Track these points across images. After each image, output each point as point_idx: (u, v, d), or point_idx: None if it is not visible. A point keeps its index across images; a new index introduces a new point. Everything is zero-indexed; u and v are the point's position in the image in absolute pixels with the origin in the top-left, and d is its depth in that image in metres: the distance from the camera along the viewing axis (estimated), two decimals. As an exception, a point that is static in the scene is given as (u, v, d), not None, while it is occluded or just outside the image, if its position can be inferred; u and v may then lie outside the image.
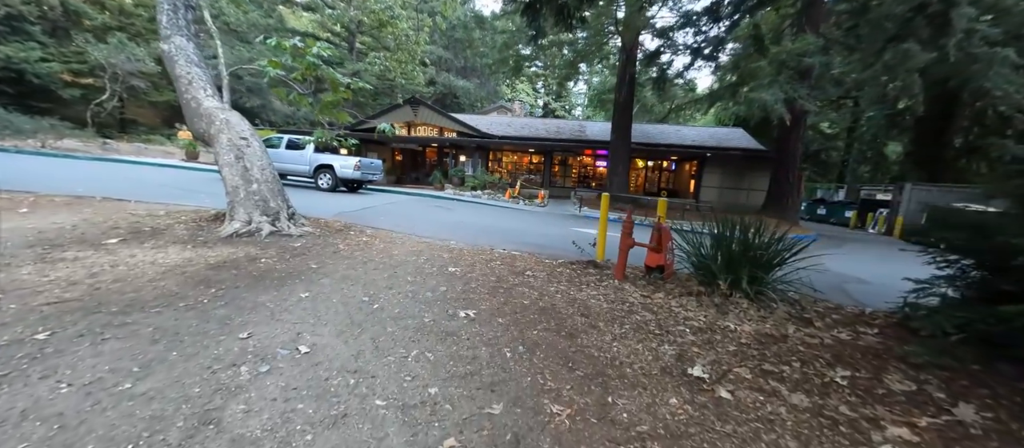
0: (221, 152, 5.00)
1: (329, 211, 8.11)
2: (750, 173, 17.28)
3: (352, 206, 9.37)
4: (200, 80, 5.65)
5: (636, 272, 4.90)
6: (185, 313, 2.64)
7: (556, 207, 15.15)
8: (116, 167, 12.80)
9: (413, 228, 7.29)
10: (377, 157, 20.80)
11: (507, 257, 5.36)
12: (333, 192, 11.57)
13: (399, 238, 6.04)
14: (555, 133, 20.91)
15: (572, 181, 21.11)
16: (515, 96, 50.18)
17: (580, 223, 11.13)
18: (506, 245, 6.58)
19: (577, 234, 8.69)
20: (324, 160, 11.41)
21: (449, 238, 6.68)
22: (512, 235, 7.74)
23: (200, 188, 9.45)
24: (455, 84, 32.82)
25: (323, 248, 4.71)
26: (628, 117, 15.38)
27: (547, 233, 8.48)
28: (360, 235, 5.82)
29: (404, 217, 8.63)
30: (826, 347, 2.92)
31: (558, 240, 7.67)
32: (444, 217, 9.38)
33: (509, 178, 19.94)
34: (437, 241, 6.20)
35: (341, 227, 6.16)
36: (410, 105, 19.11)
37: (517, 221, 10.08)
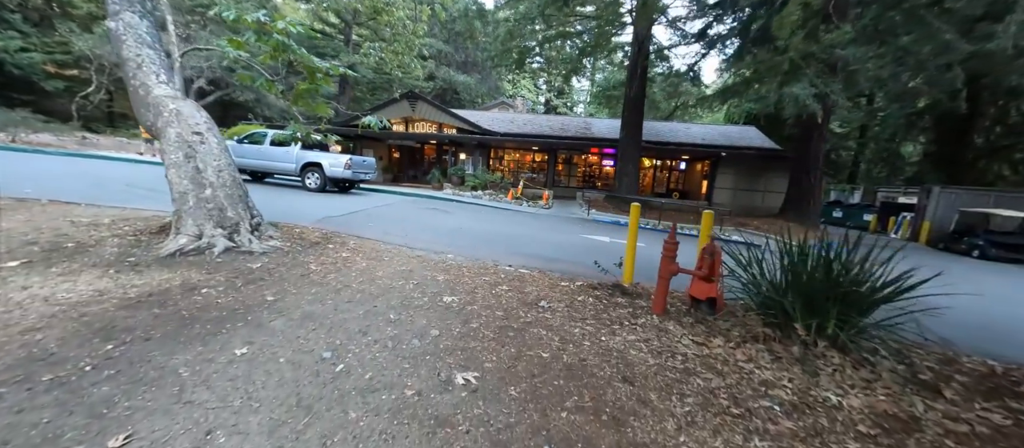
0: (167, 149, 4.10)
1: (312, 216, 7.22)
2: (766, 174, 16.39)
3: (340, 209, 8.48)
4: (152, 63, 4.73)
5: (675, 301, 4.01)
6: (39, 396, 1.75)
7: (561, 209, 14.27)
8: (87, 164, 11.88)
9: (406, 237, 6.41)
10: (372, 155, 19.91)
11: (514, 278, 4.47)
12: (322, 193, 10.68)
13: (387, 252, 5.15)
14: (560, 130, 19.98)
15: (577, 181, 20.22)
16: (517, 93, 49.16)
17: (590, 228, 10.24)
18: (511, 258, 5.69)
19: (589, 242, 7.80)
20: (312, 158, 10.50)
21: (446, 250, 5.79)
22: (517, 244, 6.85)
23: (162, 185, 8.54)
24: (455, 79, 31.83)
25: (289, 270, 3.82)
26: (639, 113, 14.47)
27: (556, 242, 7.59)
28: (341, 248, 4.93)
29: (396, 223, 7.74)
30: (985, 441, 2.04)
31: (570, 250, 6.78)
32: (441, 222, 8.49)
33: (511, 177, 19.03)
34: (432, 255, 5.32)
35: (319, 238, 5.26)
36: (407, 100, 18.17)
37: (521, 226, 9.20)
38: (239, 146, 10.74)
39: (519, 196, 14.87)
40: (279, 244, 4.45)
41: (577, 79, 62.15)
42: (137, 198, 6.85)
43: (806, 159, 13.79)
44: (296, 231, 5.33)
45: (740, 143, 17.99)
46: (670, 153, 18.57)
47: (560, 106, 55.16)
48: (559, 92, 58.81)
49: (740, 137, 19.14)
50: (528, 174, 20.43)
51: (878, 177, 22.42)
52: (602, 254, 6.74)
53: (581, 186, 19.97)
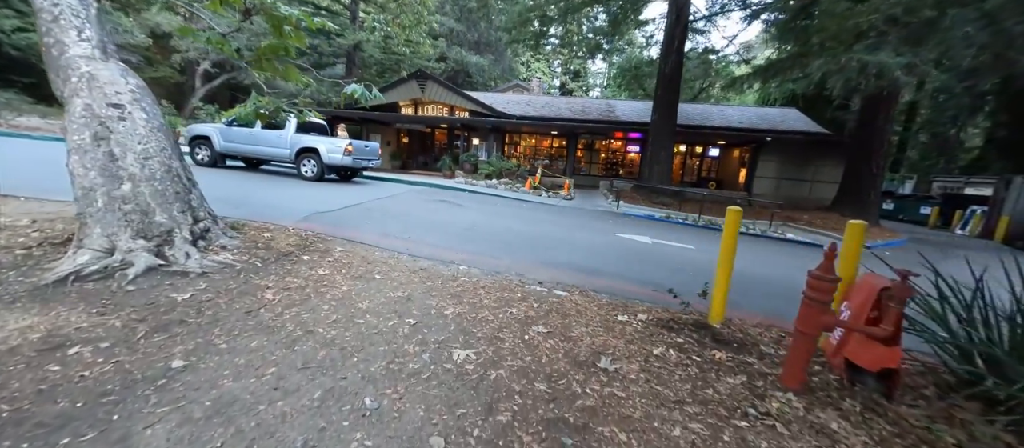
0: (70, 128, 2.94)
1: (298, 212, 6.07)
2: (814, 162, 14.65)
3: (334, 202, 7.32)
4: (74, 16, 3.53)
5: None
6: None
7: (584, 200, 12.90)
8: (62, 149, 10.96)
9: (409, 239, 5.20)
10: (380, 139, 18.73)
11: (551, 306, 3.23)
12: (319, 182, 9.54)
13: (381, 264, 3.95)
14: (581, 113, 18.42)
15: (598, 169, 18.73)
16: (531, 74, 47.17)
17: (622, 225, 8.89)
18: (540, 270, 4.45)
19: (628, 245, 6.45)
20: (308, 142, 9.35)
21: (457, 257, 4.58)
22: (544, 247, 5.59)
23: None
24: (468, 60, 30.21)
25: (232, 302, 2.64)
26: (675, 92, 12.87)
27: (589, 244, 6.29)
28: (320, 261, 3.74)
29: (399, 220, 6.54)
30: None
31: (610, 257, 5.48)
32: (452, 218, 7.26)
33: (528, 164, 17.66)
34: (439, 266, 4.11)
35: (294, 245, 4.08)
36: (416, 80, 16.84)
37: (544, 223, 7.91)
38: (228, 129, 9.65)
39: (537, 185, 13.54)
40: (232, 258, 3.27)
41: (593, 61, 59.76)
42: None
43: (868, 144, 12.05)
44: (265, 235, 4.16)
45: (783, 126, 16.19)
46: (703, 138, 16.88)
47: (576, 89, 53.01)
48: (575, 74, 56.56)
49: (781, 120, 17.30)
50: (544, 161, 19.03)
51: (932, 165, 20.29)
52: (652, 263, 5.42)
53: (603, 174, 18.49)
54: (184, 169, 3.38)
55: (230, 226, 4.06)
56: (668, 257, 6.02)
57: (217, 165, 9.78)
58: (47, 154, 8.84)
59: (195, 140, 9.68)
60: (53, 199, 4.93)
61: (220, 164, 9.86)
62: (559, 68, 58.51)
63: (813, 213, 12.69)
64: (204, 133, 9.60)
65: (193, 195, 3.38)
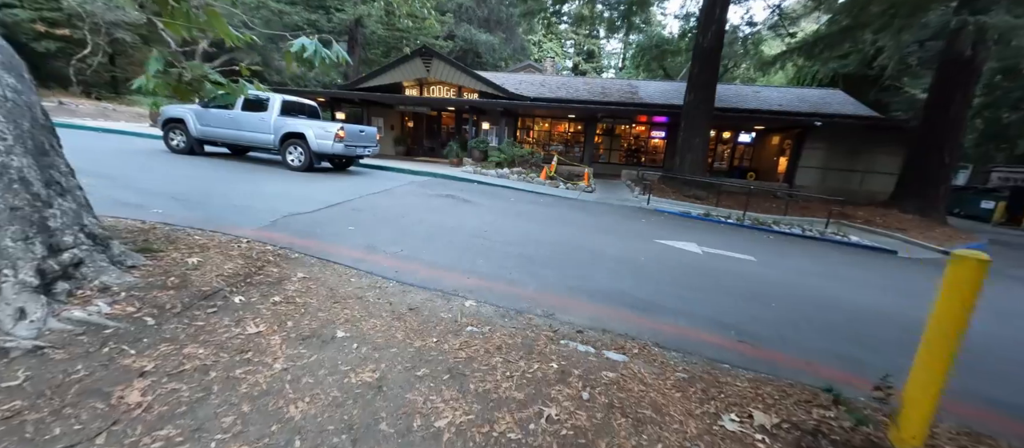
0: None
1: (268, 213, 4.89)
2: (868, 150, 12.98)
3: (318, 200, 6.13)
4: None
5: None
6: None
7: (606, 191, 11.54)
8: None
9: (399, 255, 3.99)
10: (382, 124, 17.45)
11: (614, 401, 2.00)
12: (308, 172, 8.36)
13: (353, 301, 2.77)
14: (601, 95, 16.84)
15: (619, 157, 17.23)
16: (543, 55, 45.03)
17: (658, 225, 7.57)
18: (578, 304, 3.21)
19: (675, 257, 5.09)
20: (294, 127, 8.12)
21: (462, 284, 3.38)
22: (576, 264, 4.32)
23: (97, 168, 6.40)
24: (477, 38, 28.44)
25: (56, 416, 1.45)
26: (713, 69, 11.27)
27: (630, 258, 5.00)
28: (260, 304, 2.55)
29: (393, 224, 5.33)
30: None
31: (662, 280, 4.18)
32: (458, 219, 6.03)
33: (542, 151, 16.26)
34: (436, 304, 2.91)
35: (235, 272, 2.90)
36: (421, 57, 15.41)
37: (569, 224, 6.63)
38: (204, 111, 8.46)
39: (553, 175, 12.21)
40: (108, 311, 2.09)
41: (608, 40, 57.16)
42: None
43: (938, 130, 10.39)
44: (191, 259, 2.96)
45: (828, 109, 14.47)
46: (735, 123, 15.22)
47: (589, 71, 50.73)
48: (589, 55, 54.18)
49: (825, 102, 15.52)
50: (559, 147, 17.59)
51: (990, 154, 18.29)
52: (716, 288, 3.94)
53: (624, 162, 17.00)
54: (37, 168, 2.17)
55: (140, 248, 2.88)
56: (732, 277, 4.72)
57: (194, 152, 8.65)
58: None
59: (169, 123, 8.53)
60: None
61: (198, 151, 8.73)
62: (572, 48, 56.05)
63: (868, 209, 11.16)
64: (178, 115, 8.44)
65: (55, 210, 2.19)
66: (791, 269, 5.52)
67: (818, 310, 3.98)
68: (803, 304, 4.11)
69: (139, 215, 4.22)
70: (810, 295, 4.44)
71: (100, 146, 8.58)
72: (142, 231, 3.48)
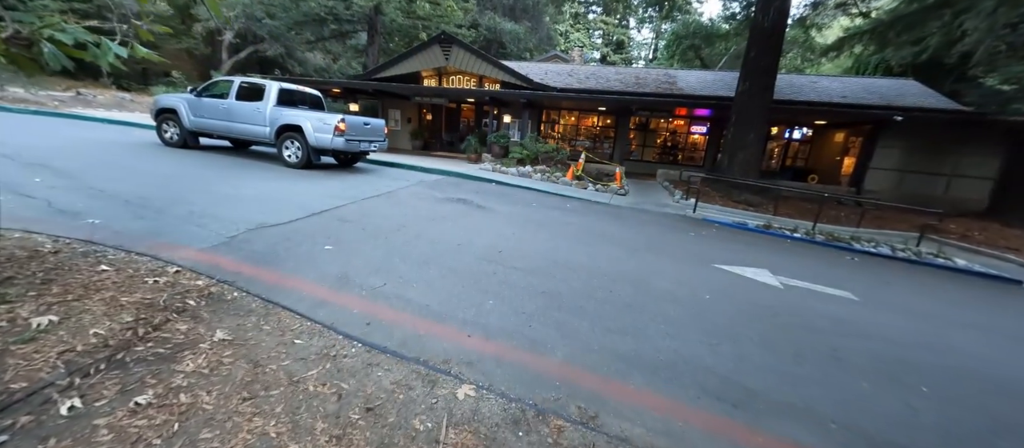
0: None
1: (232, 224, 3.93)
2: (956, 150, 10.98)
3: (298, 207, 5.16)
4: None
5: None
6: None
7: (641, 194, 10.18)
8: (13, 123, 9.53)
9: (379, 291, 2.90)
10: (400, 115, 16.55)
11: None
12: (306, 169, 7.45)
13: (275, 394, 1.67)
14: (635, 85, 15.30)
15: (654, 154, 15.67)
16: (570, 46, 43.19)
17: (711, 241, 6.22)
18: (632, 389, 1.97)
19: (744, 291, 3.72)
20: (290, 118, 7.21)
21: (457, 347, 2.26)
22: (619, 308, 3.11)
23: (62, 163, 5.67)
24: (502, 27, 27.11)
25: None
26: (774, 55, 9.64)
27: (691, 297, 3.74)
28: (99, 418, 1.50)
29: (383, 241, 4.27)
30: None
31: (744, 338, 2.89)
32: (467, 233, 4.91)
33: (567, 147, 14.95)
34: (410, 396, 1.79)
35: (95, 347, 1.87)
36: (440, 45, 14.34)
37: (604, 241, 5.40)
38: (197, 101, 7.67)
39: (581, 174, 10.92)
40: None
41: (639, 29, 54.48)
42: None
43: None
44: (36, 322, 1.95)
45: (904, 102, 12.44)
46: (790, 116, 13.37)
47: (618, 62, 48.44)
48: (618, 45, 51.84)
49: (899, 94, 13.44)
50: (586, 143, 16.20)
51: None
52: (826, 356, 2.44)
53: (658, 160, 15.46)
54: None
55: None
56: (839, 331, 3.40)
57: (188, 146, 7.92)
58: None
59: (162, 114, 7.81)
60: None
61: (192, 144, 7.99)
62: (600, 39, 53.77)
63: (961, 221, 9.32)
64: (170, 105, 7.69)
65: None
66: (910, 314, 4.11)
67: (1008, 403, 2.64)
68: (976, 390, 2.76)
69: (67, 226, 3.34)
70: (972, 368, 3.07)
71: (92, 137, 7.98)
72: (22, 259, 2.54)
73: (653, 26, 48.70)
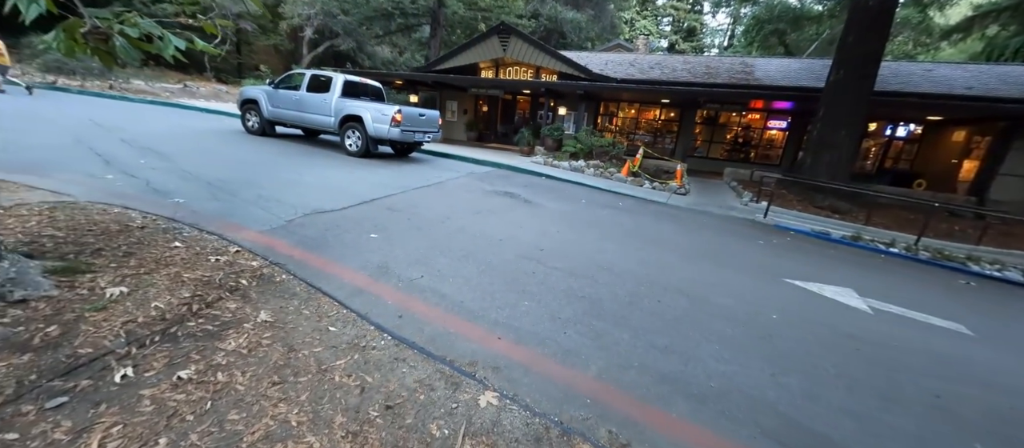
0: None
1: (291, 209, 4.19)
2: None
3: (352, 194, 5.40)
4: None
5: None
6: None
7: (704, 194, 9.38)
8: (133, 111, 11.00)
9: (415, 284, 2.90)
10: (457, 106, 16.86)
11: None
12: (365, 158, 7.83)
13: (303, 382, 1.70)
14: (704, 75, 14.10)
15: (722, 151, 14.40)
16: (635, 34, 41.05)
17: (783, 250, 5.53)
18: (682, 427, 1.75)
19: (824, 312, 3.14)
20: (352, 109, 7.60)
21: (487, 350, 2.18)
22: (668, 318, 2.82)
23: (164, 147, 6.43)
24: (563, 16, 26.43)
25: None
26: (879, 39, 8.28)
27: (757, 314, 3.31)
28: (146, 389, 1.62)
29: (426, 233, 4.32)
30: None
31: (823, 371, 2.45)
32: (511, 228, 4.82)
33: (625, 141, 14.24)
34: (433, 400, 1.73)
35: (168, 311, 2.05)
36: (498, 36, 14.30)
37: (657, 245, 5.01)
38: (274, 93, 8.37)
39: (637, 171, 10.33)
40: None
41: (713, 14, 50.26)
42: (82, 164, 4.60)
43: None
44: (111, 292, 2.17)
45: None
46: (892, 111, 11.48)
47: (688, 51, 45.16)
48: (689, 33, 48.36)
49: (1044, 84, 10.94)
50: (646, 137, 15.31)
51: None
52: (931, 407, 2.21)
53: (727, 158, 14.19)
54: None
55: (58, 268, 2.17)
56: (947, 374, 2.81)
57: (266, 134, 8.70)
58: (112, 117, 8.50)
59: (245, 104, 8.67)
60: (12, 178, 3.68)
61: (270, 133, 8.77)
62: (668, 26, 50.48)
63: None
64: (252, 96, 8.51)
65: None
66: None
67: None
68: None
69: (157, 204, 3.77)
70: None
71: (190, 125, 9.08)
72: (115, 232, 2.88)
73: (731, 10, 44.56)
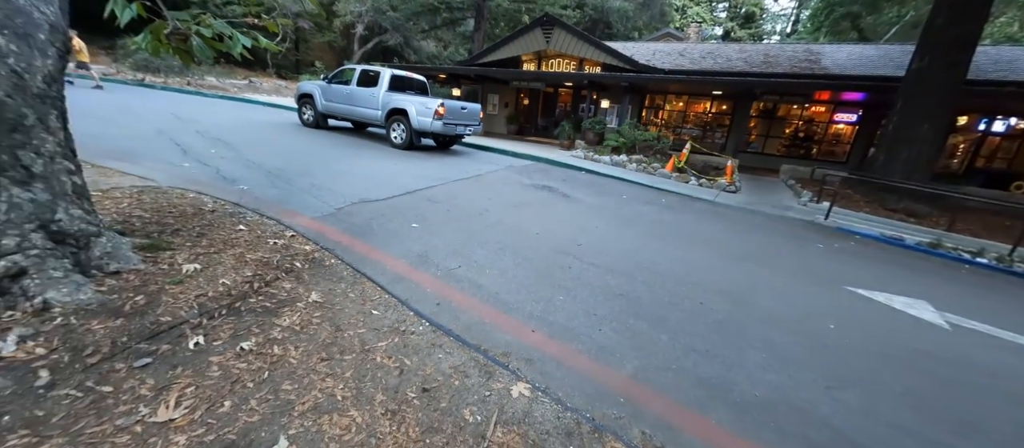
0: None
1: (340, 197, 4.45)
2: None
3: (395, 185, 5.61)
4: None
5: None
6: None
7: (756, 192, 8.79)
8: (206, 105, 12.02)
9: (453, 273, 2.99)
10: (498, 99, 16.94)
11: None
12: (409, 150, 8.10)
13: (347, 360, 1.82)
14: (763, 64, 13.14)
15: (779, 146, 13.39)
16: (686, 22, 38.93)
17: (846, 255, 5.07)
18: (721, 435, 1.69)
19: (881, 316, 2.84)
20: (398, 103, 7.88)
21: (519, 342, 2.19)
22: (710, 321, 2.69)
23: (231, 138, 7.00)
24: (609, 5, 25.60)
25: None
26: (973, 21, 7.27)
27: (811, 322, 3.09)
28: (214, 356, 1.81)
29: (464, 224, 4.41)
30: None
31: (886, 388, 2.23)
32: (548, 222, 4.80)
33: (671, 136, 13.64)
34: (467, 386, 1.79)
35: (233, 287, 2.26)
36: (541, 27, 14.15)
37: (701, 242, 4.79)
38: (328, 87, 8.86)
39: (683, 166, 9.87)
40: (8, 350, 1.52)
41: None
42: (164, 153, 5.16)
43: None
44: (190, 267, 2.41)
45: None
46: (987, 100, 10.04)
47: (744, 38, 42.15)
48: (747, 19, 45.13)
49: None
50: (694, 131, 14.56)
51: None
52: None
53: (785, 154, 13.18)
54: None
55: (146, 245, 2.44)
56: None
57: (320, 126, 9.25)
58: (189, 111, 9.40)
59: (302, 98, 9.26)
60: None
61: (323, 125, 9.31)
62: (724, 12, 47.36)
63: None
64: (308, 91, 9.07)
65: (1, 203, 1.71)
66: None
67: None
68: None
69: (225, 190, 4.15)
70: None
71: (254, 118, 9.84)
72: (190, 215, 3.20)
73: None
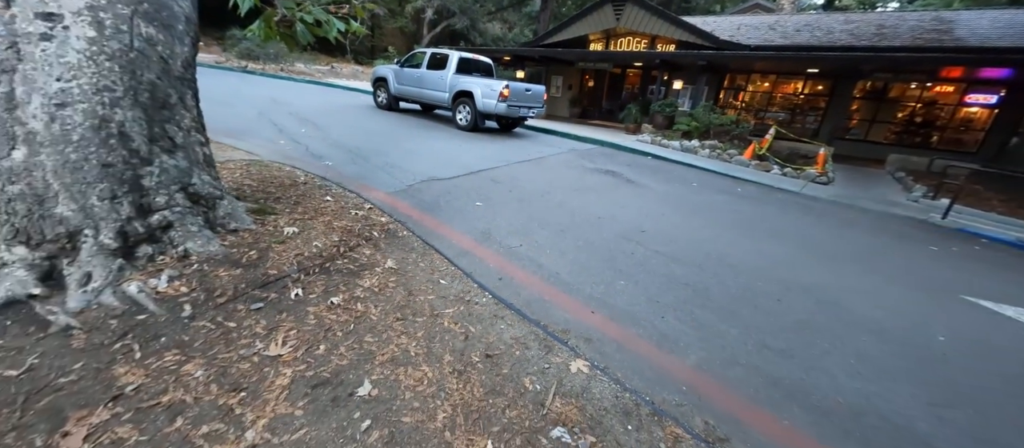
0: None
1: (410, 175, 4.74)
2: None
3: (460, 165, 5.80)
4: None
5: None
6: None
7: (854, 185, 7.74)
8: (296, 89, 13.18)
9: (515, 251, 3.08)
10: (562, 81, 16.58)
11: None
12: (474, 132, 8.30)
13: (422, 320, 2.02)
14: (874, 36, 11.30)
15: (887, 133, 11.55)
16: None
17: (966, 261, 4.33)
18: (799, 438, 1.61)
19: (1008, 334, 2.46)
20: (464, 85, 8.07)
21: (581, 324, 2.24)
22: (789, 321, 2.50)
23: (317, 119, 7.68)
24: (688, -23, 23.55)
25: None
26: None
27: (916, 332, 2.74)
28: (310, 307, 2.08)
29: (526, 206, 4.47)
30: None
31: (1014, 419, 1.96)
32: (610, 208, 4.69)
33: (752, 120, 12.41)
34: (528, 357, 1.90)
35: (323, 251, 2.55)
36: (612, 3, 13.44)
37: (783, 238, 4.38)
38: (400, 71, 9.32)
39: (764, 153, 8.96)
40: (162, 287, 1.90)
41: (898, -42, 39.57)
42: (264, 131, 5.87)
43: None
44: (289, 230, 2.75)
45: None
46: None
47: (852, 6, 36.34)
48: (855, -16, 38.73)
49: None
50: (782, 115, 13.08)
51: None
52: None
53: (893, 142, 11.37)
54: (145, 123, 2.09)
55: (257, 209, 2.82)
56: None
57: (392, 108, 9.81)
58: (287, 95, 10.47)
59: (377, 82, 9.87)
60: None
61: (395, 107, 9.86)
62: (827, -23, 40.98)
63: None
64: (382, 75, 9.63)
65: (153, 168, 2.11)
66: None
67: None
68: None
69: (314, 165, 4.62)
70: None
71: (335, 100, 10.70)
72: (287, 185, 3.63)
73: (924, -51, 34.24)
